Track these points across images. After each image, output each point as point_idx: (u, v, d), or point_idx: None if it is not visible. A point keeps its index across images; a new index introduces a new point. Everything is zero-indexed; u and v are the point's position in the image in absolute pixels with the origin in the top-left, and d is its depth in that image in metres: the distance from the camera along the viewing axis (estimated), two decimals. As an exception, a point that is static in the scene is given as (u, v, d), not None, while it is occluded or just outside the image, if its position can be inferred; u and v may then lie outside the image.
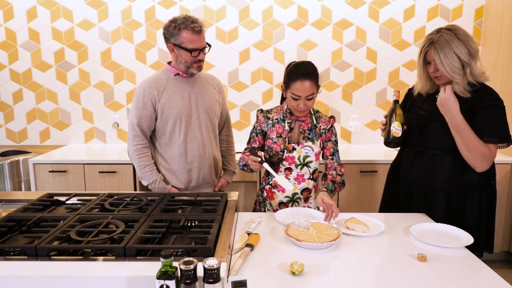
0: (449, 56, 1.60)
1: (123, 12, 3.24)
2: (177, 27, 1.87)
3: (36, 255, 1.17)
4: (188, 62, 1.92)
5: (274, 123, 1.89)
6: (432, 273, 1.25)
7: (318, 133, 1.89)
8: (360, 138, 3.42)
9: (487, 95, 1.66)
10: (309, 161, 1.87)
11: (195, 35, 1.87)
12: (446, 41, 1.61)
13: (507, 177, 2.87)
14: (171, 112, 1.93)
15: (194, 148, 2.01)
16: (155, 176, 1.97)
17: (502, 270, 2.90)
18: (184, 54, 1.90)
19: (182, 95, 1.97)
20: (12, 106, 3.38)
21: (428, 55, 1.68)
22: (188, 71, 1.96)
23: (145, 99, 1.91)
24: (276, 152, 1.87)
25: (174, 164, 2.00)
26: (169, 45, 1.92)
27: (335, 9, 3.23)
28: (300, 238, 1.43)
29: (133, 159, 1.98)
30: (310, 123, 1.90)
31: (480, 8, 3.22)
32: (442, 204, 1.75)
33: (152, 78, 1.96)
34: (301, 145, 1.86)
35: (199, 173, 2.04)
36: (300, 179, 1.89)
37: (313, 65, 1.80)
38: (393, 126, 1.76)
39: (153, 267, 1.06)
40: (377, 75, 3.33)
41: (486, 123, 1.63)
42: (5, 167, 3.10)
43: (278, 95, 3.34)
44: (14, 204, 1.71)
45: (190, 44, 1.87)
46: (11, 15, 3.24)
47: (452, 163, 1.71)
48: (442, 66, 1.62)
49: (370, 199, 2.88)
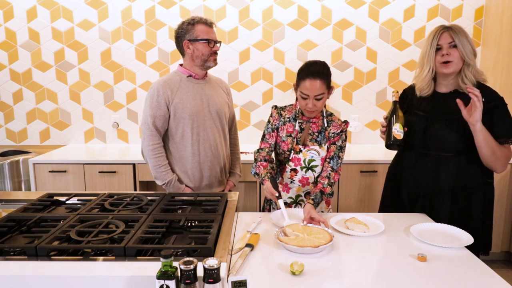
0: (464, 40, 1.65)
1: (123, 12, 3.24)
2: (190, 23, 1.94)
3: (36, 255, 1.17)
4: (206, 55, 1.95)
5: (286, 121, 1.87)
6: (432, 273, 1.25)
7: (327, 137, 1.84)
8: (360, 138, 3.42)
9: (488, 95, 1.66)
10: (314, 165, 1.84)
11: (209, 27, 1.96)
12: (461, 28, 1.67)
13: (507, 177, 2.86)
14: (184, 112, 1.95)
15: (206, 148, 2.02)
16: (170, 176, 1.97)
17: (502, 270, 2.90)
18: (201, 47, 1.94)
19: (195, 96, 1.99)
20: (12, 106, 3.38)
21: (443, 38, 1.67)
22: (205, 65, 1.99)
23: (159, 99, 1.93)
24: (283, 151, 1.86)
25: (187, 163, 2.01)
26: (185, 42, 1.95)
27: (335, 9, 3.23)
28: (291, 242, 1.40)
29: (149, 159, 1.97)
30: (320, 126, 1.85)
31: (480, 8, 3.22)
32: (447, 206, 1.74)
33: (165, 79, 1.99)
34: (308, 148, 1.83)
35: (211, 173, 2.06)
36: (305, 182, 1.87)
37: (325, 65, 1.75)
38: (394, 128, 1.72)
39: (153, 267, 1.06)
40: (377, 75, 3.33)
41: (497, 124, 1.64)
42: (5, 167, 3.10)
43: (278, 95, 3.35)
44: (14, 204, 1.71)
45: (206, 35, 1.94)
46: (11, 15, 3.24)
47: (456, 164, 1.71)
48: (461, 45, 1.64)
49: (370, 199, 2.88)
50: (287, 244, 1.39)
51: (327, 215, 1.79)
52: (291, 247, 1.38)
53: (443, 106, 1.73)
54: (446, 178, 1.72)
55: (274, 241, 1.49)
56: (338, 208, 2.88)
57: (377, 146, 3.32)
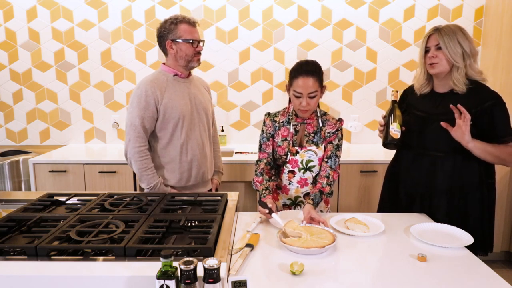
0: (453, 41, 1.65)
1: (123, 12, 3.24)
2: (173, 23, 1.90)
3: (36, 255, 1.17)
4: (189, 55, 1.93)
5: (280, 126, 1.87)
6: (432, 273, 1.25)
7: (323, 137, 1.85)
8: (360, 138, 3.42)
9: (484, 94, 1.67)
10: (311, 166, 1.85)
11: (192, 27, 1.92)
12: (451, 30, 1.67)
13: (507, 177, 2.86)
14: (173, 112, 1.93)
15: (194, 147, 2.01)
16: (156, 180, 1.94)
17: (502, 270, 2.91)
18: (184, 47, 1.91)
19: (183, 95, 1.97)
20: (12, 106, 3.38)
21: (430, 40, 1.71)
22: (189, 66, 1.97)
23: (148, 99, 1.89)
24: (280, 156, 1.86)
25: (174, 163, 2.00)
26: (167, 42, 1.92)
27: (335, 9, 3.23)
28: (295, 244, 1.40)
29: (134, 161, 1.92)
30: (315, 126, 1.86)
31: (480, 8, 3.22)
32: (444, 206, 1.74)
33: (152, 78, 1.95)
34: (305, 149, 1.83)
35: (198, 172, 2.05)
36: (303, 183, 1.87)
37: (317, 64, 1.78)
38: (391, 127, 1.73)
39: (153, 267, 1.06)
40: (377, 75, 3.33)
41: (498, 125, 1.64)
42: (5, 167, 3.10)
43: (278, 95, 3.35)
44: (14, 204, 1.71)
45: (189, 35, 1.91)
46: (11, 15, 3.24)
47: (452, 164, 1.71)
48: (445, 48, 1.65)
49: (370, 199, 2.88)
50: (292, 246, 1.39)
51: (326, 215, 1.79)
52: (297, 248, 1.38)
53: (439, 106, 1.73)
54: (442, 178, 1.73)
55: (274, 241, 1.49)
56: (338, 208, 2.88)
57: (377, 146, 3.32)
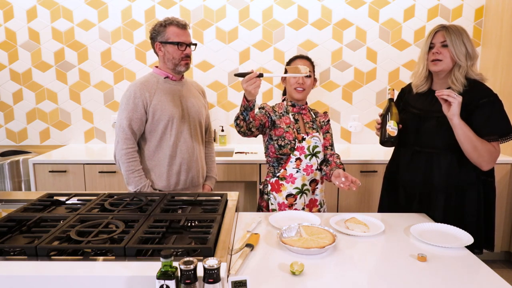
0: (459, 40, 1.67)
1: (123, 12, 3.24)
2: (162, 25, 1.91)
3: (36, 255, 1.17)
4: (176, 59, 1.92)
5: (280, 115, 1.93)
6: (432, 273, 1.25)
7: (319, 125, 1.98)
8: (360, 138, 3.42)
9: (481, 92, 1.67)
10: (317, 151, 1.92)
11: (181, 29, 1.92)
12: (458, 29, 1.69)
13: (507, 177, 2.86)
14: (163, 114, 1.91)
15: (183, 151, 1.98)
16: (144, 182, 1.91)
17: (502, 270, 2.90)
18: (171, 50, 1.91)
19: (173, 97, 1.95)
20: (12, 106, 3.38)
21: (436, 37, 1.71)
22: (176, 69, 1.96)
23: (136, 101, 1.87)
24: (289, 140, 1.88)
25: (163, 166, 1.97)
26: (156, 44, 1.93)
27: (335, 9, 3.23)
28: (296, 244, 1.39)
29: (122, 163, 1.89)
30: (310, 116, 1.98)
31: (480, 8, 3.22)
32: (440, 203, 1.75)
33: (142, 81, 1.94)
34: (310, 135, 1.91)
35: (187, 176, 2.02)
36: (309, 170, 1.91)
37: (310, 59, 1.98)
38: (388, 125, 1.75)
39: (153, 267, 1.06)
40: (377, 75, 3.34)
41: (485, 121, 1.64)
42: (5, 167, 3.10)
43: (278, 95, 3.35)
44: (14, 204, 1.71)
45: (176, 37, 1.90)
46: (11, 15, 3.24)
47: (449, 161, 1.72)
48: (452, 45, 1.67)
49: (370, 199, 2.88)
50: (292, 246, 1.39)
51: (324, 215, 1.78)
52: (296, 248, 1.38)
53: (436, 104, 1.73)
54: (439, 175, 1.73)
55: (274, 241, 1.49)
56: (338, 208, 2.89)
57: (377, 146, 3.29)
